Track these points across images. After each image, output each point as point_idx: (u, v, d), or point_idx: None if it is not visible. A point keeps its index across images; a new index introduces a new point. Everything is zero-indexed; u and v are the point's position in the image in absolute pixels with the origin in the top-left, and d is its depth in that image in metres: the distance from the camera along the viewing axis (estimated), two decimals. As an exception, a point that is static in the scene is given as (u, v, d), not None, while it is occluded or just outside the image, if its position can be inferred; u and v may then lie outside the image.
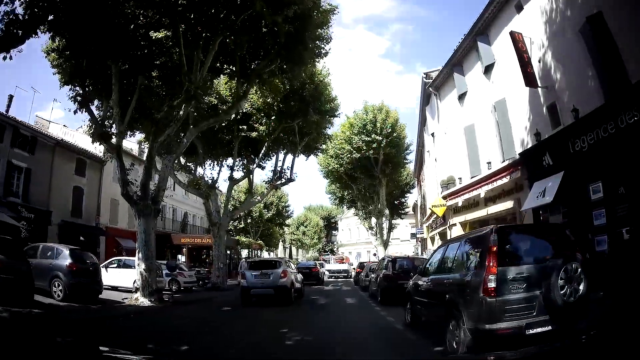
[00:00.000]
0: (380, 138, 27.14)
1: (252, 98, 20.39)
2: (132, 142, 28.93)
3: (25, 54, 10.96)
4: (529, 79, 11.60)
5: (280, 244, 64.18)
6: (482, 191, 13.45)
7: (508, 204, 12.92)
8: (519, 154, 12.15)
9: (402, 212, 43.76)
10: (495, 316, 4.75)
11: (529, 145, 11.96)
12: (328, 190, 42.14)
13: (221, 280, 22.05)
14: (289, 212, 48.16)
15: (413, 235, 51.49)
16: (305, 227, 63.67)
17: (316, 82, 19.40)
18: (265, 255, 55.54)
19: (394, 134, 27.76)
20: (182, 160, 24.24)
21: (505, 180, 12.61)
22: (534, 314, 4.72)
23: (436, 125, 20.22)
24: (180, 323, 10.19)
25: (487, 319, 4.78)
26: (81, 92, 14.70)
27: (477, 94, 15.50)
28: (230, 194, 23.62)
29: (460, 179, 16.10)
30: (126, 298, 14.71)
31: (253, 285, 14.35)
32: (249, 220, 41.64)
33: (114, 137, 14.56)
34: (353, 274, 31.80)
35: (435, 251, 7.86)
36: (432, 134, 21.29)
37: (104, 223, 28.59)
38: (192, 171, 23.94)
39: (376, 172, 29.77)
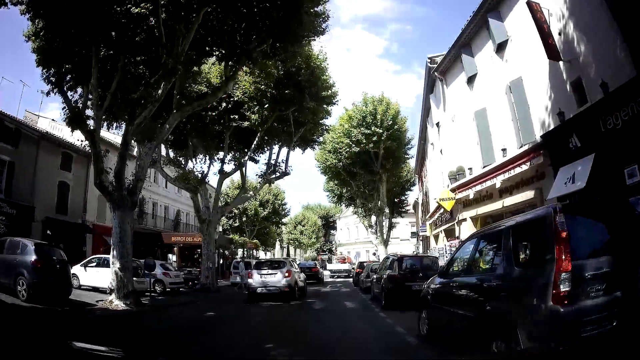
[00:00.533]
0: (381, 131, 25.69)
1: (244, 85, 19.03)
2: (118, 136, 27.57)
3: (19, 52, 9.73)
4: (551, 51, 10.28)
5: (277, 243, 62.69)
6: (497, 181, 12.08)
7: (528, 194, 11.55)
8: (541, 136, 10.82)
9: (402, 210, 42.41)
10: (570, 333, 3.29)
11: (551, 127, 10.66)
12: (326, 187, 40.85)
13: (210, 282, 20.50)
14: (286, 211, 46.62)
15: (414, 234, 50.23)
16: (303, 226, 62.17)
17: (312, 66, 17.94)
18: (261, 255, 54.17)
19: (395, 127, 26.33)
20: (172, 154, 22.91)
21: (524, 167, 11.28)
22: (615, 323, 3.30)
23: (442, 113, 18.88)
24: (148, 332, 8.74)
25: (559, 337, 3.32)
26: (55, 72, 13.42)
27: (488, 75, 14.19)
28: (220, 188, 22.09)
29: (470, 169, 14.74)
30: (101, 300, 13.34)
31: (259, 284, 15.07)
32: (244, 219, 40.10)
33: (90, 120, 13.17)
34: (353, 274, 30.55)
35: (461, 245, 6.03)
36: (437, 124, 19.94)
37: (91, 220, 27.24)
38: (182, 165, 22.53)
39: (376, 167, 28.35)
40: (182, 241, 29.04)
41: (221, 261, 33.82)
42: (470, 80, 15.37)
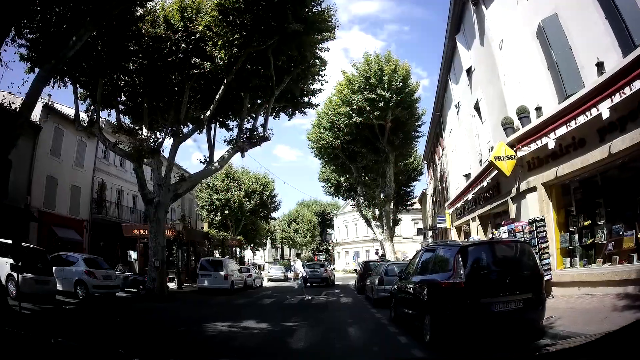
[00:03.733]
0: (389, 95, 20.49)
1: (207, 18, 14.03)
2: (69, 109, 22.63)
3: None
4: None
5: (269, 242, 57.42)
6: (602, 109, 7.06)
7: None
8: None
9: (408, 203, 37.36)
10: None
11: None
12: (321, 177, 35.80)
13: (158, 286, 14.88)
14: (276, 203, 41.25)
15: (420, 231, 45.18)
16: (297, 223, 56.89)
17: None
18: (249, 254, 49.04)
19: (407, 90, 21.23)
20: (127, 120, 17.90)
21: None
22: None
23: (476, 52, 13.91)
24: None
25: None
26: None
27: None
28: (174, 156, 16.68)
29: (538, 109, 9.67)
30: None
31: (309, 276, 23.41)
32: (226, 212, 34.83)
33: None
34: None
35: None
36: (468, 70, 14.91)
37: (37, 206, 22.11)
38: (138, 135, 17.38)
39: (382, 144, 23.24)
40: (144, 234, 23.86)
41: (193, 262, 28.72)
42: (527, -15, 10.49)
